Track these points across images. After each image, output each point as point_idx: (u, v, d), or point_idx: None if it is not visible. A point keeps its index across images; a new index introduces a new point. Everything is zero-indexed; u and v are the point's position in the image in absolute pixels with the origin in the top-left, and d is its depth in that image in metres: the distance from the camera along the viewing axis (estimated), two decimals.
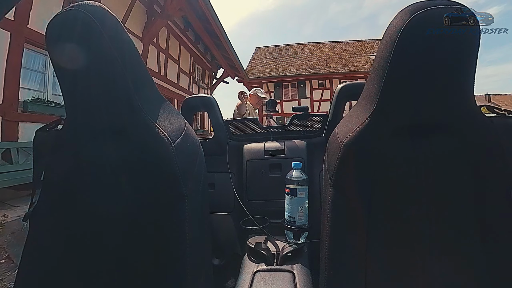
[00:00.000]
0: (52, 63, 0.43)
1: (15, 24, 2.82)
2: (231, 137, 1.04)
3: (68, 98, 0.46)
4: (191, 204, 0.46)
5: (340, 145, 0.43)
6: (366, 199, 0.43)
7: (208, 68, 9.11)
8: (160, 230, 0.45)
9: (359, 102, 0.47)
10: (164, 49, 6.03)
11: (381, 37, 0.39)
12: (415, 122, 0.42)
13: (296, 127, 1.02)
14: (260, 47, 14.33)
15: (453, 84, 0.37)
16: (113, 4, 4.19)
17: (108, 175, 0.47)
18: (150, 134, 0.44)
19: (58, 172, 0.49)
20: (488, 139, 0.40)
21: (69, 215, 0.47)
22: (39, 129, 0.53)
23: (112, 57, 0.40)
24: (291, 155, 0.89)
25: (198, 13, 5.36)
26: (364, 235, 0.43)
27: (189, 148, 0.50)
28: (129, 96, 0.43)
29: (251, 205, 0.87)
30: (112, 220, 0.47)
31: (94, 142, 0.48)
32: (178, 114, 0.53)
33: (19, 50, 2.90)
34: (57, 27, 0.40)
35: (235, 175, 0.94)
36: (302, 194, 0.70)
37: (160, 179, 0.45)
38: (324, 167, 0.52)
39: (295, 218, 0.70)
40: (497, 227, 0.40)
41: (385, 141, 0.42)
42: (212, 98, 0.98)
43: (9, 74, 2.78)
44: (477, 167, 0.40)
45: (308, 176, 0.73)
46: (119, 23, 0.42)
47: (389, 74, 0.37)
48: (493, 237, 0.40)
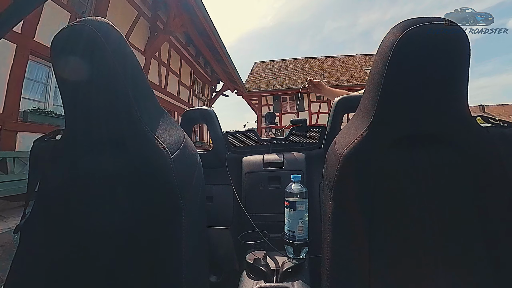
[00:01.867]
0: (55, 74, 0.44)
1: (21, 36, 2.91)
2: (230, 150, 1.04)
3: (69, 108, 0.46)
4: (188, 217, 0.45)
5: (339, 157, 0.43)
6: (367, 212, 0.43)
7: (208, 81, 9.30)
8: (155, 245, 0.43)
9: (357, 114, 0.47)
10: (165, 63, 6.19)
11: (375, 52, 0.41)
12: (412, 133, 0.42)
13: (295, 139, 1.02)
14: (259, 62, 14.72)
15: (447, 96, 0.38)
16: (118, 20, 4.37)
17: (105, 187, 0.46)
18: (148, 145, 0.44)
19: (54, 183, 0.48)
20: (485, 149, 0.41)
21: (62, 228, 0.46)
22: (37, 139, 0.53)
23: (115, 70, 0.41)
24: (290, 168, 0.89)
25: (200, 30, 5.57)
26: (366, 250, 0.42)
27: (187, 160, 0.49)
28: (129, 107, 0.43)
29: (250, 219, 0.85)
30: (106, 234, 0.45)
31: (92, 153, 0.48)
32: (177, 126, 0.53)
33: (24, 62, 2.98)
34: (62, 40, 0.41)
35: (234, 188, 0.93)
36: (301, 207, 0.69)
37: (157, 191, 0.44)
38: (324, 180, 0.51)
39: (295, 232, 0.68)
40: (502, 236, 0.39)
41: (384, 153, 0.43)
42: (212, 110, 0.99)
43: (11, 84, 2.83)
44: (477, 176, 0.40)
45: (308, 189, 0.72)
46: (123, 38, 0.44)
47: (384, 87, 0.38)
48: (499, 247, 0.39)
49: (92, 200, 0.47)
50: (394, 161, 0.43)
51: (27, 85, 3.08)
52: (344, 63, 13.08)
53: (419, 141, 0.43)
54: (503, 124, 0.44)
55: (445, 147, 0.42)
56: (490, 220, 0.40)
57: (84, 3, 3.95)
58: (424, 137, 0.42)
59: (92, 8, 4.04)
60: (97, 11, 4.02)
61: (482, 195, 0.40)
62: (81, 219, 0.46)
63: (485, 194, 0.40)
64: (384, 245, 0.42)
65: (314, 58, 14.18)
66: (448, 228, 0.41)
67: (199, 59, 8.03)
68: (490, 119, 0.45)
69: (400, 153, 0.43)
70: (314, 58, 14.15)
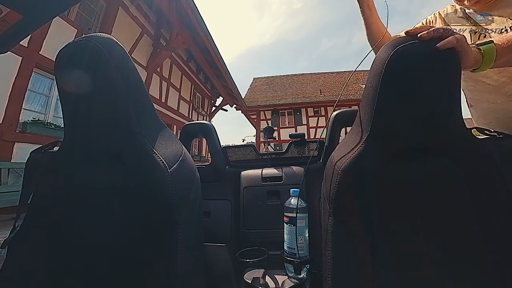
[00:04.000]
0: (58, 86, 0.45)
1: (27, 50, 2.99)
2: (229, 164, 1.03)
3: (69, 120, 0.47)
4: (184, 233, 0.44)
5: (337, 171, 0.43)
6: (368, 227, 0.42)
7: (208, 96, 9.46)
8: (150, 262, 0.42)
9: (354, 128, 0.48)
10: (166, 78, 6.33)
11: (369, 68, 0.42)
12: (409, 146, 0.43)
13: (294, 153, 1.02)
14: (257, 78, 15.09)
15: (440, 109, 0.39)
16: (123, 37, 4.53)
17: (100, 200, 0.45)
18: (146, 158, 0.43)
19: (48, 195, 0.47)
20: (483, 160, 0.41)
21: (53, 242, 0.44)
22: (34, 150, 0.53)
23: (116, 84, 0.42)
24: (289, 182, 0.88)
25: (201, 47, 5.77)
26: (370, 267, 0.40)
27: (185, 174, 0.49)
28: (129, 120, 0.43)
29: (248, 235, 0.82)
30: (99, 248, 0.44)
31: (89, 166, 0.47)
32: (176, 139, 0.53)
33: (28, 74, 3.03)
34: (68, 54, 0.43)
35: (232, 203, 0.91)
36: (301, 222, 0.67)
37: (153, 205, 0.43)
38: (323, 194, 0.51)
39: (295, 249, 0.66)
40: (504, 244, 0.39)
41: (382, 166, 0.43)
42: (211, 124, 0.99)
43: (13, 95, 2.86)
44: (476, 187, 0.41)
45: (307, 204, 0.71)
46: (126, 53, 0.45)
47: (379, 102, 0.39)
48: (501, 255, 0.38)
49: (86, 214, 0.46)
50: (392, 174, 0.43)
51: (29, 97, 3.12)
52: (340, 78, 13.46)
53: (417, 154, 0.43)
54: (499, 135, 0.44)
55: (442, 159, 0.42)
56: (491, 229, 0.39)
57: (91, 20, 4.11)
58: (421, 149, 0.43)
59: (98, 25, 4.20)
60: (103, 28, 4.18)
61: (482, 205, 0.40)
62: (74, 233, 0.45)
63: (485, 204, 0.40)
64: (388, 261, 0.41)
65: (311, 74, 14.60)
66: (451, 239, 0.40)
67: (200, 74, 8.23)
68: (485, 130, 0.46)
69: (399, 166, 0.43)
70: (311, 74, 14.56)
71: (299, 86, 13.39)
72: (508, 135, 0.44)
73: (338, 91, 12.16)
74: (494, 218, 0.39)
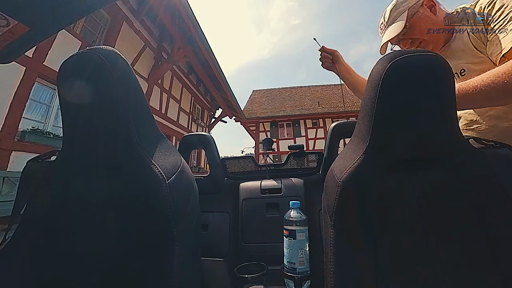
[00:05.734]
0: (59, 96, 0.45)
1: (32, 60, 3.04)
2: (227, 175, 1.03)
3: (68, 130, 0.46)
4: (181, 248, 0.43)
5: (338, 182, 0.43)
6: (371, 240, 0.41)
7: (208, 108, 9.57)
8: (144, 277, 0.40)
9: (352, 139, 0.48)
10: (167, 89, 6.42)
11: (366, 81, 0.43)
12: (408, 156, 0.43)
13: (293, 165, 1.02)
14: (256, 90, 15.37)
15: (437, 120, 0.40)
16: (126, 49, 4.64)
17: (95, 212, 0.44)
18: (144, 169, 0.43)
19: (42, 206, 0.46)
20: (482, 169, 0.41)
21: (45, 255, 0.43)
22: (31, 159, 0.52)
23: (117, 95, 0.42)
24: (288, 194, 0.87)
25: (201, 60, 5.91)
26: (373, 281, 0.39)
27: (183, 185, 0.48)
28: (128, 131, 0.43)
29: (247, 250, 0.80)
30: (92, 261, 0.42)
31: (86, 176, 0.47)
32: (175, 151, 0.53)
33: (30, 84, 3.06)
34: (71, 65, 0.43)
35: (230, 216, 0.89)
36: (301, 236, 0.65)
37: (150, 218, 0.42)
38: (323, 206, 0.50)
39: (295, 264, 0.64)
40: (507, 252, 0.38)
41: (382, 177, 0.42)
42: (210, 136, 0.99)
43: (14, 104, 2.87)
44: (476, 196, 0.40)
45: (307, 216, 0.70)
46: (128, 65, 0.46)
47: (377, 113, 0.39)
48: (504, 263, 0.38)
49: (81, 225, 0.44)
50: (393, 184, 0.43)
51: (29, 106, 3.13)
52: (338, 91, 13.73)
53: (416, 164, 0.43)
54: (496, 145, 0.45)
55: (442, 169, 0.42)
56: (494, 237, 0.39)
57: (96, 34, 4.23)
58: (420, 160, 0.43)
59: (103, 38, 4.32)
60: (107, 41, 4.30)
61: (483, 214, 0.40)
62: (67, 245, 0.43)
63: (486, 213, 0.40)
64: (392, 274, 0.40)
65: (309, 86, 14.89)
66: (453, 248, 0.39)
67: (200, 86, 8.37)
68: (482, 140, 0.46)
69: (399, 177, 0.43)
70: (309, 87, 14.85)
71: (297, 98, 13.61)
72: (504, 144, 0.45)
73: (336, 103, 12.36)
74: (495, 225, 0.39)
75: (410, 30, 0.74)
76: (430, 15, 0.73)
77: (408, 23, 0.72)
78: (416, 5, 0.73)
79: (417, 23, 0.73)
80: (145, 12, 4.86)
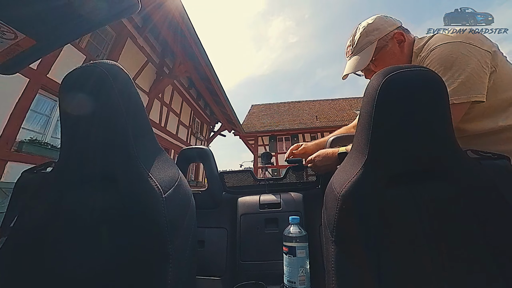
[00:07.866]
0: (60, 107, 0.45)
1: (36, 72, 3.08)
2: (226, 190, 1.01)
3: (66, 141, 0.46)
4: (176, 265, 0.41)
5: (338, 196, 0.42)
6: (373, 255, 0.39)
7: (207, 121, 9.65)
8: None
9: (351, 153, 0.48)
10: (167, 103, 6.51)
11: (362, 95, 0.44)
12: (408, 169, 0.43)
13: (292, 179, 1.00)
14: (255, 105, 15.62)
15: (433, 132, 0.40)
16: (128, 64, 4.76)
17: (88, 226, 0.43)
18: (141, 182, 0.42)
19: (33, 219, 0.44)
20: (481, 180, 0.41)
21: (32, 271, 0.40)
22: (26, 170, 0.51)
23: (118, 108, 0.43)
24: (287, 209, 0.85)
25: (202, 75, 6.06)
26: None
27: (180, 200, 0.47)
28: (127, 143, 0.43)
29: (245, 268, 0.77)
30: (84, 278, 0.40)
31: (81, 189, 0.46)
32: (173, 164, 0.53)
33: (32, 95, 3.08)
34: (74, 77, 0.44)
35: (228, 231, 0.86)
36: (302, 253, 0.63)
37: (144, 233, 0.41)
38: (324, 222, 0.49)
39: (295, 283, 0.61)
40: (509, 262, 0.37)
41: (382, 190, 0.42)
42: (209, 150, 0.99)
43: (15, 114, 2.87)
44: (477, 207, 0.40)
45: (308, 232, 0.68)
46: (130, 79, 0.47)
47: (374, 126, 0.40)
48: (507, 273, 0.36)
49: (72, 240, 0.43)
50: (393, 198, 0.42)
51: (30, 116, 3.12)
52: (335, 105, 14.00)
53: (416, 177, 0.43)
54: (493, 156, 0.45)
55: (442, 181, 0.42)
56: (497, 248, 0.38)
57: (100, 48, 4.35)
58: (419, 172, 0.43)
59: (107, 53, 4.44)
60: (111, 55, 4.42)
61: (485, 225, 0.39)
62: (57, 260, 0.41)
63: (488, 223, 0.39)
64: None
65: (307, 101, 15.19)
66: (457, 259, 0.38)
67: (200, 101, 8.50)
68: (479, 152, 0.47)
69: (399, 190, 0.43)
70: (307, 101, 15.14)
71: (296, 112, 13.82)
72: (502, 156, 0.45)
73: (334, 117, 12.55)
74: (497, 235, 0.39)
75: (375, 63, 0.73)
76: (397, 52, 0.71)
77: (375, 57, 0.71)
78: (386, 37, 0.70)
79: (382, 58, 0.71)
80: (149, 29, 5.04)
